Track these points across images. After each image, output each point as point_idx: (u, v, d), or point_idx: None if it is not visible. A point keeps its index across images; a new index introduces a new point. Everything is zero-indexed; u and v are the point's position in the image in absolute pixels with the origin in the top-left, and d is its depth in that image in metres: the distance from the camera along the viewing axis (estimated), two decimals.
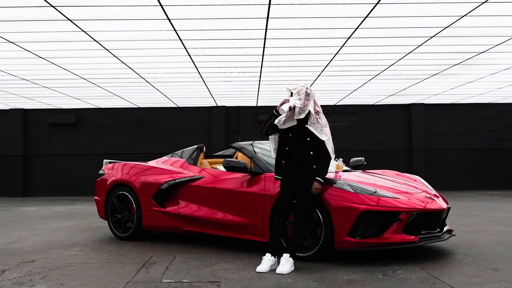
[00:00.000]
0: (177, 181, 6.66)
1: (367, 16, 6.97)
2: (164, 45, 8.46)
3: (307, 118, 5.21)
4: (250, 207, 5.90)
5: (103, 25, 7.23)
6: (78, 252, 6.19)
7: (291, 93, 5.25)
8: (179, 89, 13.01)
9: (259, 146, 6.60)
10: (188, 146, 9.92)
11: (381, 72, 10.98)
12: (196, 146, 7.27)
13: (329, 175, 5.56)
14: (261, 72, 10.82)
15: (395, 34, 7.95)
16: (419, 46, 8.70)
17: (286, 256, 5.03)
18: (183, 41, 8.16)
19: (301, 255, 5.34)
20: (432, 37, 8.16)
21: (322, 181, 5.21)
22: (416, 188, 6.07)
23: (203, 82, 11.95)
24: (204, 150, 7.24)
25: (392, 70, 10.74)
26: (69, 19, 6.93)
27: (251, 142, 6.83)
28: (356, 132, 16.59)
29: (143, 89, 12.76)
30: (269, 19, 7.06)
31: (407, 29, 7.68)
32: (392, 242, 5.27)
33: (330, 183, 5.41)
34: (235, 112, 16.64)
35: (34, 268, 5.26)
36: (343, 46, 8.63)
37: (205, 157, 7.34)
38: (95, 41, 8.08)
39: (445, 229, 5.94)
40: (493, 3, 6.46)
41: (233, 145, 6.94)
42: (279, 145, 5.39)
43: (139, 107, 16.50)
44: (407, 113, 16.59)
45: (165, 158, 7.53)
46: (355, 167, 7.05)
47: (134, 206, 6.95)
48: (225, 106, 16.50)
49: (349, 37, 8.09)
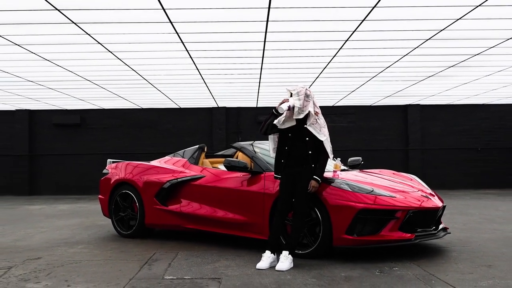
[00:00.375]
0: (179, 180, 6.67)
1: (364, 19, 6.97)
2: (166, 48, 8.46)
3: (306, 118, 5.21)
4: (250, 206, 5.90)
5: (107, 28, 7.23)
6: (82, 249, 6.20)
7: (290, 94, 5.26)
8: (181, 90, 13.01)
9: (259, 146, 6.60)
10: (189, 146, 9.92)
11: (378, 73, 10.98)
12: (197, 146, 7.27)
13: (327, 174, 5.57)
14: (261, 73, 10.82)
15: (392, 37, 7.95)
16: (415, 48, 8.70)
17: (285, 253, 5.03)
18: (185, 43, 8.16)
19: (300, 252, 5.35)
20: (428, 40, 8.16)
21: (319, 180, 5.21)
22: (412, 187, 6.07)
23: (204, 83, 11.94)
24: (205, 150, 7.24)
25: (389, 72, 10.74)
26: (73, 22, 6.93)
27: (251, 142, 6.83)
28: (353, 132, 16.59)
29: (146, 90, 12.76)
30: (268, 22, 7.06)
31: (404, 32, 7.67)
32: (389, 239, 5.28)
33: (328, 182, 5.42)
34: (236, 112, 16.64)
35: (39, 265, 5.26)
36: (341, 48, 8.63)
37: (206, 157, 7.34)
38: (99, 43, 8.08)
39: (441, 227, 5.94)
40: (487, 6, 6.46)
41: (234, 145, 6.94)
42: (279, 144, 5.39)
43: (142, 108, 16.50)
44: (403, 114, 16.59)
45: (167, 157, 7.53)
46: (353, 167, 7.06)
47: (137, 204, 6.96)
48: (225, 107, 16.50)
49: (347, 40, 8.09)
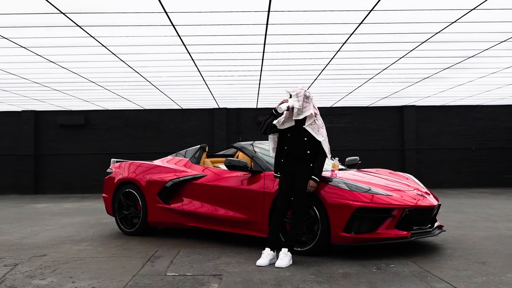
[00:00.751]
0: (181, 179, 6.67)
1: (361, 22, 6.97)
2: (168, 50, 8.46)
3: (305, 119, 5.22)
4: (250, 204, 5.91)
5: (110, 31, 7.23)
6: (87, 246, 6.20)
7: (290, 95, 5.27)
8: (183, 91, 13.01)
9: (259, 146, 6.60)
10: (191, 146, 9.93)
11: (375, 75, 10.98)
12: (199, 146, 7.27)
13: (325, 174, 5.57)
14: (261, 75, 10.82)
15: (388, 39, 7.95)
16: (411, 51, 8.71)
17: (284, 250, 5.03)
18: (186, 46, 8.16)
19: (299, 249, 5.35)
20: (423, 43, 8.16)
21: (317, 179, 5.22)
22: (408, 186, 6.07)
23: (206, 85, 11.95)
24: (206, 149, 7.24)
25: (385, 73, 10.74)
26: (78, 26, 6.94)
27: (251, 142, 6.83)
28: (351, 132, 16.59)
29: (149, 91, 12.76)
30: (268, 25, 7.06)
31: (400, 34, 7.68)
32: (385, 237, 5.28)
33: (326, 181, 5.42)
34: (236, 113, 16.64)
35: (45, 262, 5.27)
36: (339, 50, 8.63)
37: (208, 157, 7.34)
38: (103, 46, 8.08)
39: (436, 225, 5.94)
40: (481, 10, 6.47)
41: (234, 145, 6.94)
42: (278, 144, 5.39)
43: (145, 109, 16.50)
44: (399, 115, 16.59)
45: (169, 157, 7.53)
46: (350, 166, 7.06)
47: (140, 203, 6.96)
48: (226, 108, 16.50)
49: (345, 42, 8.09)
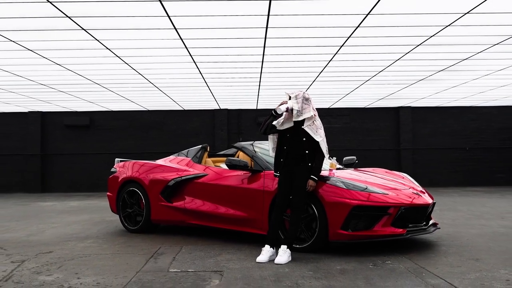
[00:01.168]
0: (183, 178, 6.67)
1: (358, 26, 6.97)
2: (171, 53, 8.46)
3: (303, 120, 5.22)
4: (250, 202, 5.91)
5: (115, 34, 7.23)
6: (91, 244, 6.20)
7: (289, 97, 5.27)
8: (185, 93, 13.01)
9: (259, 146, 6.60)
10: (193, 146, 9.92)
11: (371, 77, 10.98)
12: (200, 146, 7.27)
13: (323, 173, 5.57)
14: (260, 77, 10.82)
15: (384, 42, 7.95)
16: (407, 53, 8.71)
17: (283, 247, 5.03)
18: (188, 49, 8.17)
19: (297, 246, 5.35)
20: (418, 45, 8.16)
21: (316, 179, 5.22)
22: (403, 184, 6.07)
23: (207, 86, 11.95)
24: (208, 149, 7.24)
25: (381, 75, 10.74)
26: (83, 29, 6.94)
27: (251, 142, 6.83)
28: (348, 133, 16.59)
29: (152, 93, 12.76)
30: (268, 29, 7.06)
31: (396, 38, 7.68)
32: (381, 234, 5.28)
33: (324, 180, 5.42)
34: (237, 114, 16.64)
35: (51, 258, 5.27)
36: (336, 53, 8.63)
37: (209, 156, 7.34)
38: (108, 49, 8.08)
39: (431, 222, 5.94)
40: (474, 14, 6.47)
41: (235, 145, 6.95)
42: (278, 144, 5.40)
43: (148, 110, 16.51)
44: (395, 116, 16.59)
45: (172, 157, 7.53)
46: (348, 165, 7.05)
47: (143, 201, 6.96)
48: (227, 109, 16.50)
49: (342, 45, 8.09)
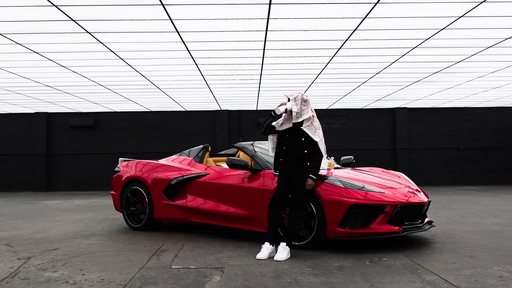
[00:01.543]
0: (185, 177, 6.66)
1: (356, 28, 6.97)
2: (173, 55, 8.46)
3: (302, 121, 5.22)
4: (250, 201, 5.90)
5: (118, 37, 7.23)
6: (96, 241, 6.20)
7: (288, 99, 5.27)
8: (187, 94, 13.01)
9: (259, 146, 6.60)
10: (195, 146, 9.92)
11: (368, 79, 10.98)
12: (202, 146, 7.27)
13: (321, 172, 5.57)
14: (260, 79, 10.82)
15: (381, 45, 7.95)
16: (403, 56, 8.71)
17: (283, 244, 5.03)
18: (190, 51, 8.17)
19: (296, 243, 5.35)
20: (414, 48, 8.16)
21: (315, 178, 5.22)
22: (400, 183, 6.07)
23: (208, 88, 11.95)
24: (209, 149, 7.24)
25: (378, 77, 10.74)
26: (88, 32, 6.94)
27: (251, 142, 6.83)
28: (346, 133, 16.59)
29: (155, 94, 12.76)
30: (267, 32, 7.06)
31: (392, 40, 7.68)
32: (378, 232, 5.28)
33: (322, 179, 5.42)
34: (237, 115, 16.64)
35: (56, 255, 5.26)
36: (334, 56, 8.63)
37: (210, 156, 7.33)
38: (112, 51, 8.08)
39: (426, 220, 5.94)
40: (468, 17, 6.47)
41: (236, 145, 6.94)
42: (277, 144, 5.40)
43: (151, 111, 16.50)
44: (392, 116, 16.59)
45: (174, 156, 7.53)
46: (345, 165, 7.05)
47: (146, 199, 6.96)
48: (228, 109, 16.50)
49: (340, 48, 8.09)
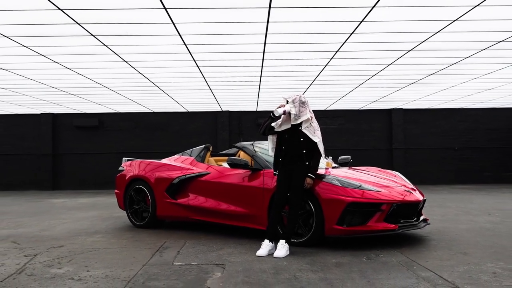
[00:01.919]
0: (187, 176, 6.66)
1: (353, 32, 6.98)
2: (175, 58, 8.46)
3: (301, 122, 5.22)
4: (250, 199, 5.90)
5: (122, 40, 7.23)
6: (100, 238, 6.20)
7: (286, 101, 5.27)
8: (189, 95, 13.01)
9: (259, 145, 6.60)
10: (196, 146, 9.92)
11: (365, 81, 10.98)
12: (203, 145, 7.27)
13: (320, 171, 5.57)
14: (260, 81, 10.82)
15: (377, 48, 7.95)
16: (399, 58, 8.71)
17: (282, 242, 5.03)
18: (192, 54, 8.17)
19: (295, 241, 5.35)
20: (410, 51, 8.16)
21: (313, 177, 5.22)
22: (396, 182, 6.07)
23: (210, 89, 11.95)
24: (210, 149, 7.23)
25: (375, 79, 10.74)
26: (92, 35, 6.94)
27: (251, 142, 6.83)
28: (343, 133, 16.59)
29: (157, 95, 12.76)
30: (267, 35, 7.06)
31: (388, 43, 7.68)
32: (375, 229, 5.28)
33: (320, 178, 5.42)
34: (238, 116, 16.63)
35: (62, 252, 5.27)
36: (332, 58, 8.63)
37: (212, 156, 7.33)
38: (116, 54, 8.08)
39: (421, 218, 5.94)
40: (463, 21, 6.47)
41: (236, 145, 6.94)
42: (277, 145, 5.40)
43: (154, 112, 16.50)
44: (388, 117, 16.59)
45: (176, 156, 7.53)
46: (343, 164, 7.05)
47: (149, 198, 6.96)
48: (229, 110, 16.49)
49: (338, 50, 8.09)
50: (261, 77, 10.34)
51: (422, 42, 7.60)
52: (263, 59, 8.67)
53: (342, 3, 5.80)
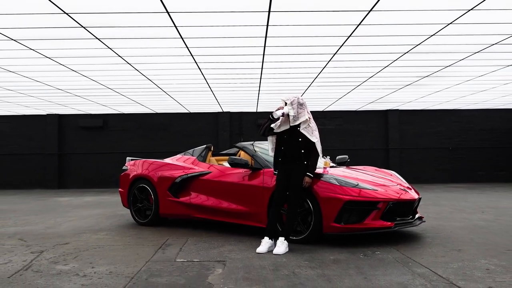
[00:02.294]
0: (189, 175, 6.66)
1: (350, 35, 6.98)
2: (178, 60, 8.46)
3: (299, 123, 5.22)
4: (251, 198, 5.90)
5: (126, 43, 7.23)
6: (104, 236, 6.20)
7: (285, 103, 5.27)
8: (190, 97, 13.01)
9: (259, 145, 6.60)
10: (198, 146, 9.91)
11: (362, 82, 10.98)
12: (205, 145, 7.27)
13: (318, 171, 5.56)
14: (260, 82, 10.82)
15: (374, 50, 7.95)
16: (395, 60, 8.71)
17: (281, 239, 5.03)
18: (194, 56, 8.17)
19: (294, 238, 5.35)
20: (405, 53, 8.16)
21: (312, 176, 5.22)
22: (392, 181, 6.07)
23: (211, 91, 11.94)
24: (212, 149, 7.23)
25: (371, 81, 10.74)
26: (97, 38, 6.94)
27: (251, 142, 6.82)
28: (341, 134, 16.59)
29: (160, 97, 12.76)
30: (267, 38, 7.06)
31: (384, 46, 7.68)
32: (371, 227, 5.28)
33: (319, 177, 5.42)
34: (238, 116, 16.63)
35: (67, 249, 5.27)
36: (330, 60, 8.63)
37: (213, 155, 7.34)
38: (120, 56, 8.08)
39: (417, 216, 5.94)
40: (457, 24, 6.47)
41: (237, 145, 6.94)
42: (277, 145, 5.40)
43: (157, 113, 16.50)
44: (384, 118, 16.59)
45: (178, 156, 7.53)
46: (340, 164, 7.05)
47: (152, 196, 6.96)
48: (229, 111, 16.49)
49: (335, 53, 8.09)
50: (261, 78, 10.34)
51: (417, 45, 7.60)
52: (263, 61, 8.67)
53: (339, 7, 5.80)
